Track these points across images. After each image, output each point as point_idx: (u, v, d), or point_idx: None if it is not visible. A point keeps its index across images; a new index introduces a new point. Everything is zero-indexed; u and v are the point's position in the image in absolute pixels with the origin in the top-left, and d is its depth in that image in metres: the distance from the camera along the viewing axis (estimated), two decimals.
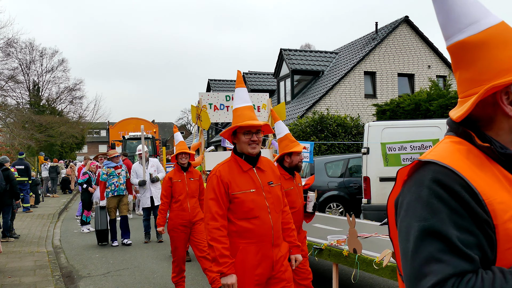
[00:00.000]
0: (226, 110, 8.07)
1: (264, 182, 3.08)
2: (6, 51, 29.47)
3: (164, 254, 8.37)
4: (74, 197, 20.94)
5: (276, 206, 3.10)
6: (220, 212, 2.97)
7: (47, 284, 6.35)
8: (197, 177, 5.89)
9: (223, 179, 2.99)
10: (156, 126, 31.09)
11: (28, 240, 10.01)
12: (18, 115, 27.38)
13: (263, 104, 8.35)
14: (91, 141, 61.95)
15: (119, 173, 9.28)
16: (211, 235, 2.93)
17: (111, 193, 9.15)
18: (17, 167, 14.01)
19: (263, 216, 3.00)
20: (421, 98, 11.77)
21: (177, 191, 5.72)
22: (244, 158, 3.07)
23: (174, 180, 5.73)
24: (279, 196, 3.16)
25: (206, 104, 7.83)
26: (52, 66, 38.22)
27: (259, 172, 3.09)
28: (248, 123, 2.95)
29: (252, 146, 3.00)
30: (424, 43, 19.20)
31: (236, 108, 3.13)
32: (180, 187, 5.72)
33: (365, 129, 8.70)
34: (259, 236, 2.99)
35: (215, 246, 2.90)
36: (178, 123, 68.20)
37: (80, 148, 45.53)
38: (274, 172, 3.22)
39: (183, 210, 5.68)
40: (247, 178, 3.04)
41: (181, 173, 5.78)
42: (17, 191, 9.96)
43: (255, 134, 3.01)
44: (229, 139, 3.14)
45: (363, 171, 8.52)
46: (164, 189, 5.76)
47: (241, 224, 2.98)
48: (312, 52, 22.09)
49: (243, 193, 2.98)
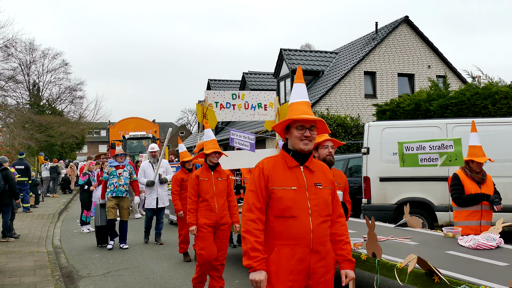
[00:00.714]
0: (232, 109, 7.92)
1: (310, 182, 2.88)
2: (6, 52, 29.48)
3: (164, 254, 8.37)
4: (74, 197, 20.94)
5: (321, 209, 2.87)
6: (257, 205, 2.84)
7: (47, 284, 6.35)
8: (225, 177, 5.66)
9: (264, 171, 2.86)
10: (157, 126, 31.05)
11: (28, 240, 10.01)
12: (18, 115, 27.37)
13: (270, 102, 8.19)
14: (91, 141, 61.95)
15: (120, 173, 8.84)
16: (245, 227, 2.81)
17: (109, 194, 8.78)
18: (17, 167, 14.02)
19: (301, 217, 2.80)
20: (421, 98, 11.76)
21: (203, 190, 5.51)
22: (292, 155, 2.91)
23: (201, 178, 5.52)
24: (326, 200, 2.92)
25: (212, 102, 7.67)
26: (54, 67, 38.25)
27: (306, 171, 2.91)
28: (302, 117, 2.81)
29: (304, 142, 2.84)
30: (424, 43, 19.19)
31: (292, 103, 2.96)
32: (207, 185, 5.51)
33: (365, 129, 8.69)
34: (295, 238, 2.80)
35: (248, 239, 2.77)
36: (178, 123, 68.23)
37: (80, 148, 45.54)
38: (326, 175, 3.00)
39: (211, 210, 5.49)
40: (291, 175, 2.87)
41: (208, 172, 5.57)
42: (16, 191, 9.96)
43: (308, 130, 2.85)
44: (281, 134, 2.98)
45: (363, 171, 8.52)
46: (192, 188, 5.53)
47: (277, 222, 2.83)
48: (312, 52, 22.09)
49: (282, 190, 2.82)
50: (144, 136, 22.66)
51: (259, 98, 8.07)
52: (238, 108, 7.97)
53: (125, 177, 8.90)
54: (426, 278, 3.59)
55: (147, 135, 22.82)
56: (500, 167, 7.69)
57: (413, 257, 3.68)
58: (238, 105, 7.94)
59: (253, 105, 8.07)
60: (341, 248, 3.00)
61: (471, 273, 3.58)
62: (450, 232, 5.13)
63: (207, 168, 5.60)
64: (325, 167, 3.09)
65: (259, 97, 8.09)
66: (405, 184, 8.21)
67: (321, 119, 2.88)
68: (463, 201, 5.27)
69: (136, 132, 23.81)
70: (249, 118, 8.15)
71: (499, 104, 9.91)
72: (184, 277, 6.72)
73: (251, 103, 8.07)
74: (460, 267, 3.78)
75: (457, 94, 10.96)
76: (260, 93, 8.13)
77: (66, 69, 39.04)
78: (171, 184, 7.82)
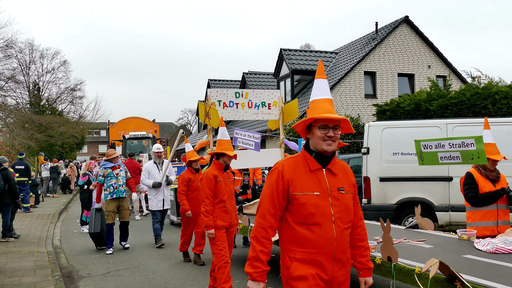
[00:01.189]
0: (236, 108, 7.72)
1: (333, 187, 2.71)
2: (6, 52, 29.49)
3: (164, 254, 8.37)
4: (74, 197, 20.93)
5: (343, 216, 2.72)
6: (272, 211, 2.68)
7: (47, 284, 6.34)
8: (232, 178, 5.65)
9: (284, 175, 2.67)
10: (157, 126, 31.02)
11: (28, 240, 10.01)
12: (18, 115, 27.38)
13: (274, 101, 7.98)
14: (91, 141, 61.95)
15: (117, 173, 8.62)
16: (254, 233, 2.69)
17: (109, 196, 8.49)
18: (17, 167, 14.02)
19: (325, 224, 2.64)
20: (421, 98, 11.76)
21: (221, 191, 5.31)
22: (314, 156, 2.71)
23: (219, 178, 5.32)
24: (348, 206, 2.76)
25: (215, 101, 7.48)
26: (53, 67, 38.27)
27: (329, 175, 2.73)
28: (326, 116, 2.61)
29: (327, 143, 2.65)
30: (424, 43, 19.20)
31: (314, 100, 2.76)
32: (223, 187, 5.34)
33: (365, 129, 8.69)
34: (318, 246, 2.65)
35: (254, 246, 2.67)
36: (178, 123, 68.21)
37: (80, 148, 45.54)
38: (348, 178, 2.83)
39: (226, 212, 5.37)
40: (313, 179, 2.69)
41: (222, 172, 5.39)
42: (16, 191, 9.96)
43: (332, 130, 2.65)
44: (302, 133, 2.80)
45: (363, 171, 8.52)
46: (209, 188, 5.27)
47: (299, 229, 2.66)
48: (312, 52, 22.10)
49: (305, 195, 2.65)
50: (144, 136, 22.59)
51: (262, 96, 7.90)
52: (241, 106, 7.77)
53: (123, 176, 8.74)
54: (447, 284, 3.43)
55: (147, 135, 22.77)
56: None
57: (435, 262, 3.46)
58: (241, 103, 7.74)
59: (256, 104, 7.87)
60: (362, 254, 2.89)
61: (491, 278, 3.44)
62: (465, 235, 4.94)
63: (221, 168, 5.42)
64: (347, 168, 2.89)
65: (263, 95, 7.93)
66: (405, 184, 8.21)
67: (345, 118, 2.70)
68: (479, 200, 5.00)
69: (136, 132, 23.76)
70: (253, 117, 7.94)
71: (499, 104, 9.91)
72: (184, 277, 6.72)
73: (254, 102, 7.88)
74: (479, 272, 3.63)
75: (457, 94, 10.96)
76: (264, 92, 7.94)
77: (65, 68, 39.08)
78: (178, 183, 7.70)
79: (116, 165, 8.72)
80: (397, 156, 8.20)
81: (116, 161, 8.76)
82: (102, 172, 8.63)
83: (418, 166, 5.59)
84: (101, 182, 8.62)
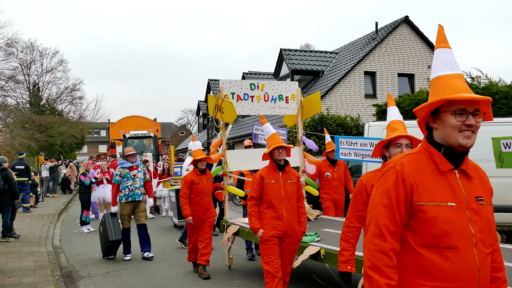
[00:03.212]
0: (251, 101, 6.92)
1: (471, 196, 1.96)
2: (7, 51, 29.50)
3: (164, 254, 8.37)
4: (74, 197, 20.92)
5: (486, 236, 1.96)
6: (391, 228, 1.93)
7: (47, 284, 6.34)
8: (295, 179, 4.83)
9: (406, 177, 1.95)
10: (159, 125, 30.82)
11: (28, 240, 10.01)
12: (18, 115, 27.36)
13: (291, 94, 7.19)
14: (91, 141, 61.95)
15: (134, 175, 7.88)
16: (372, 261, 1.92)
17: (124, 198, 7.81)
18: (17, 167, 14.03)
19: (464, 248, 1.90)
20: (421, 98, 11.76)
21: (270, 193, 4.68)
22: (444, 152, 1.97)
23: (267, 180, 4.71)
24: (491, 222, 2.00)
25: (228, 93, 6.70)
26: (52, 67, 38.27)
27: (463, 178, 1.99)
28: (466, 96, 1.87)
29: (465, 135, 1.90)
30: (424, 43, 19.20)
31: (441, 76, 2.00)
32: (274, 188, 4.69)
33: (365, 129, 8.69)
34: (456, 279, 1.89)
35: (375, 280, 1.89)
36: (178, 123, 68.20)
37: (80, 148, 45.52)
38: (485, 183, 2.08)
39: (278, 219, 4.67)
40: (444, 184, 1.95)
41: (275, 173, 4.75)
42: (16, 191, 9.97)
43: (472, 116, 1.90)
44: (422, 122, 2.06)
45: (363, 171, 8.52)
46: (254, 190, 4.73)
47: (427, 255, 1.90)
48: (312, 52, 22.10)
49: (436, 206, 1.90)
50: (145, 135, 22.06)
51: (280, 89, 7.11)
52: (257, 100, 6.98)
53: (140, 178, 7.96)
54: None
55: (148, 134, 22.32)
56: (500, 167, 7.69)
57: None
58: (257, 96, 6.96)
59: (273, 97, 7.10)
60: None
61: None
62: None
63: (273, 167, 4.78)
64: (481, 170, 2.14)
65: (280, 87, 7.14)
66: None
67: (489, 98, 1.92)
68: None
69: (137, 131, 23.35)
70: (269, 112, 7.17)
71: (499, 104, 9.91)
72: (184, 277, 6.72)
73: (271, 95, 7.07)
74: None
75: None
76: (281, 84, 7.17)
77: (64, 67, 39.08)
78: (181, 186, 6.97)
79: (134, 165, 7.94)
80: None
81: (133, 160, 7.95)
82: (119, 171, 7.92)
83: None
84: (117, 183, 7.87)
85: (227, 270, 6.95)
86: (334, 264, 4.69)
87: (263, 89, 7.01)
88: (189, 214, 6.66)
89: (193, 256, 7.02)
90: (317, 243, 5.26)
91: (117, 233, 7.85)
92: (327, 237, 5.53)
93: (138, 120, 29.39)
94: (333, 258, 4.74)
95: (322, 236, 5.59)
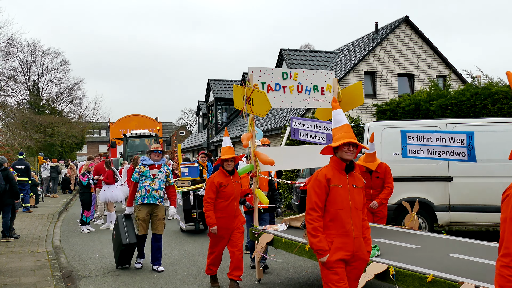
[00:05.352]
0: (283, 92, 6.17)
1: None
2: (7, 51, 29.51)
3: (164, 254, 8.34)
4: (74, 197, 20.93)
5: None
6: None
7: (47, 284, 6.35)
8: (361, 184, 3.78)
9: None
10: (160, 124, 30.66)
11: (28, 240, 10.01)
12: (18, 115, 27.37)
13: (327, 85, 6.47)
14: (91, 141, 61.96)
15: (154, 174, 7.05)
16: None
17: (140, 200, 7.00)
18: (17, 167, 14.03)
19: None
20: (421, 98, 11.76)
21: (337, 202, 3.60)
22: None
23: (334, 183, 3.62)
24: None
25: (258, 83, 5.98)
26: (54, 67, 38.28)
27: None
28: None
29: None
30: (424, 43, 19.20)
31: None
32: (342, 196, 3.62)
33: (365, 129, 8.69)
34: None
35: None
36: (178, 123, 68.21)
37: (80, 148, 45.54)
38: None
39: (346, 235, 3.58)
40: None
41: (342, 175, 3.67)
42: (17, 191, 9.98)
43: None
44: None
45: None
46: (317, 196, 3.61)
47: None
48: (312, 52, 22.10)
49: None
50: (146, 134, 21.74)
51: (314, 78, 6.39)
52: (289, 91, 6.25)
53: (160, 179, 7.09)
54: None
55: (149, 134, 21.97)
56: (500, 167, 7.70)
57: None
58: (289, 87, 6.25)
59: (307, 88, 6.34)
60: None
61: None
62: None
63: (340, 168, 3.67)
64: None
65: (315, 77, 6.41)
66: (405, 184, 8.20)
67: None
68: None
69: (138, 130, 23.01)
70: (303, 105, 6.43)
71: (499, 104, 9.91)
72: (184, 277, 6.72)
73: (305, 85, 6.33)
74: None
75: (457, 94, 10.96)
76: (316, 73, 6.44)
77: (65, 68, 39.11)
78: (205, 189, 5.97)
79: (156, 165, 7.11)
80: (397, 156, 8.18)
81: (157, 159, 7.10)
82: (138, 168, 7.12)
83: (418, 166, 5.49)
84: (135, 181, 7.07)
85: (255, 284, 6.25)
86: (410, 286, 3.87)
87: (296, 78, 6.29)
88: (214, 223, 5.78)
89: (213, 270, 6.17)
90: (379, 258, 4.39)
91: (132, 236, 7.04)
92: (388, 250, 4.71)
93: (139, 119, 29.18)
94: (407, 279, 3.90)
95: (381, 248, 4.75)
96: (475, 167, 7.69)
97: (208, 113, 29.81)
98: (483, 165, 7.66)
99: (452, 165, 7.98)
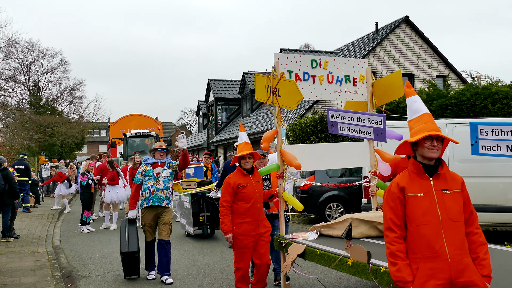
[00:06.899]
0: (312, 82, 5.52)
1: None
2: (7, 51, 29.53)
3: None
4: (74, 197, 20.92)
5: None
6: None
7: (47, 284, 6.35)
8: (458, 187, 2.94)
9: None
10: (160, 124, 30.61)
11: (28, 240, 10.01)
12: (18, 115, 27.38)
13: (360, 75, 5.84)
14: (91, 141, 61.97)
15: (158, 173, 6.43)
16: None
17: (144, 203, 6.37)
18: (17, 167, 14.04)
19: None
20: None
21: (416, 215, 2.86)
22: None
23: (410, 192, 2.90)
24: None
25: (285, 71, 5.32)
26: (53, 67, 38.30)
27: None
28: None
29: None
30: (424, 43, 19.22)
31: None
32: (424, 207, 2.86)
33: None
34: None
35: None
36: (178, 123, 68.21)
37: (80, 148, 45.56)
38: None
39: (437, 258, 2.78)
40: None
41: (423, 179, 2.92)
42: (17, 191, 9.99)
43: None
44: None
45: (363, 171, 8.52)
46: (393, 212, 2.92)
47: None
48: (312, 52, 22.11)
49: None
50: (146, 134, 21.65)
51: (346, 67, 5.77)
52: (319, 81, 5.59)
53: (165, 178, 6.45)
54: None
55: (150, 133, 21.85)
56: (500, 167, 7.70)
57: None
58: (319, 76, 5.58)
59: (339, 78, 5.73)
60: None
61: None
62: None
63: (419, 171, 2.93)
64: None
65: (347, 66, 5.79)
66: None
67: None
68: None
69: (138, 129, 22.90)
70: (334, 97, 5.75)
71: (499, 104, 9.92)
72: (184, 277, 6.71)
73: (336, 75, 5.70)
74: None
75: (457, 94, 10.97)
76: (348, 61, 5.81)
77: (65, 68, 39.12)
78: (221, 191, 5.26)
79: (159, 163, 6.53)
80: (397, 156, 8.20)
81: (160, 157, 6.56)
82: (141, 169, 6.54)
83: None
84: (138, 183, 6.49)
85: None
86: None
87: (327, 67, 5.65)
88: (229, 230, 5.05)
89: None
90: None
91: (133, 244, 6.42)
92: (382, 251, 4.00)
93: (140, 118, 29.10)
94: None
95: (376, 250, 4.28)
96: (475, 167, 7.69)
97: (208, 113, 29.83)
98: (483, 165, 7.66)
99: (452, 165, 7.98)
